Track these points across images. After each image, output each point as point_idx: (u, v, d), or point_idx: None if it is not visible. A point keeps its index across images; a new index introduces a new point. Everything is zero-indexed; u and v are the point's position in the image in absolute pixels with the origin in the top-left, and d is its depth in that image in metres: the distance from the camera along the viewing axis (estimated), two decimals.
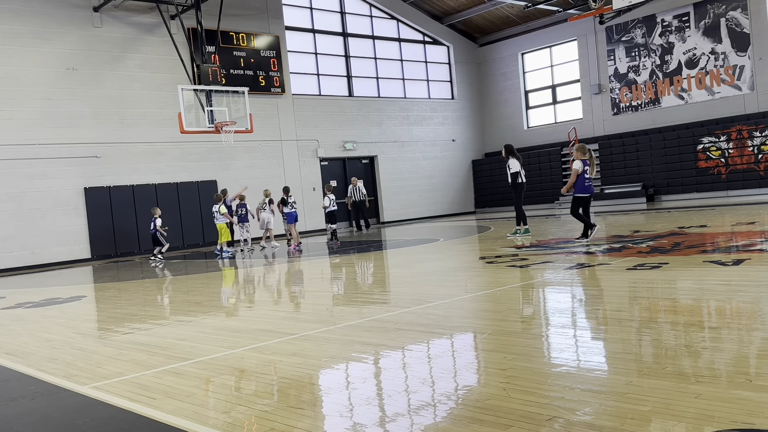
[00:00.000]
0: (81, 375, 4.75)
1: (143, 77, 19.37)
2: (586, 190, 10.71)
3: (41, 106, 17.61)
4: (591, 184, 10.78)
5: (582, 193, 10.73)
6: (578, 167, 10.61)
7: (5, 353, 5.88)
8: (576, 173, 10.64)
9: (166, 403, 3.80)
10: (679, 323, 4.66)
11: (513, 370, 3.81)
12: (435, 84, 27.53)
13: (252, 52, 21.49)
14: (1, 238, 16.90)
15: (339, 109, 24.06)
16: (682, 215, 14.93)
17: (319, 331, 5.59)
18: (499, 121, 28.20)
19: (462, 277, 8.52)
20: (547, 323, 5.24)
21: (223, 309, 7.93)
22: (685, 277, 6.69)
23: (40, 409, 3.98)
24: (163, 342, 5.73)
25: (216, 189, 20.17)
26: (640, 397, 3.14)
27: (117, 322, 7.17)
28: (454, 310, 6.05)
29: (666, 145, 22.46)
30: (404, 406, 3.41)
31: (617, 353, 4.07)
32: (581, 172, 10.59)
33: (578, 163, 10.67)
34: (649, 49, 23.34)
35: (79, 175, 18.15)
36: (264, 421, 3.33)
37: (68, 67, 18.12)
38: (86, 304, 9.41)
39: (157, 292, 10.09)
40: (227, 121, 16.94)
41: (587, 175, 10.66)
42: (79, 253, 18.13)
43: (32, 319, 7.97)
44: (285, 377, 4.20)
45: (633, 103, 23.95)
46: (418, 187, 26.24)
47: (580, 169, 10.59)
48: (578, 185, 10.70)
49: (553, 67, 26.62)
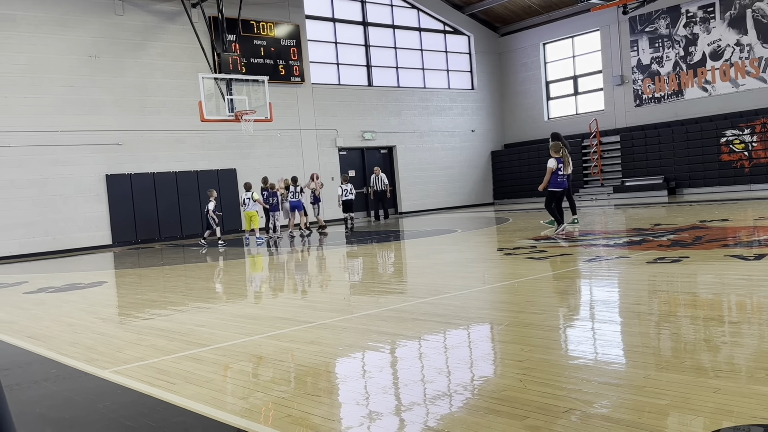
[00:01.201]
0: (102, 359, 4.82)
1: (164, 65, 19.48)
2: (559, 185, 11.36)
3: (64, 94, 17.79)
4: (564, 180, 11.38)
5: (555, 188, 11.38)
6: (552, 165, 11.27)
7: (28, 337, 5.98)
8: (550, 171, 11.26)
9: (185, 388, 3.85)
10: (699, 317, 4.62)
11: (530, 361, 3.80)
12: (455, 74, 27.38)
13: (272, 41, 21.52)
14: (23, 223, 17.14)
15: (358, 98, 24.04)
16: (703, 209, 14.76)
17: (336, 319, 5.61)
18: (519, 112, 28.01)
19: (480, 268, 8.50)
20: (564, 315, 5.22)
21: (241, 296, 7.99)
22: (706, 272, 6.62)
23: (61, 392, 4.05)
24: (182, 328, 5.79)
25: (236, 178, 20.31)
26: (658, 391, 3.12)
27: (137, 308, 7.26)
28: (471, 301, 6.04)
29: (689, 137, 22.18)
30: (420, 396, 3.43)
31: (635, 347, 4.05)
32: (555, 169, 11.23)
33: (552, 161, 11.30)
34: (673, 40, 23.01)
35: (100, 162, 18.34)
36: (281, 408, 3.36)
37: (90, 54, 18.27)
38: (107, 289, 9.54)
39: (176, 279, 10.19)
40: (247, 110, 17.01)
41: (561, 172, 11.27)
42: (100, 239, 18.34)
43: (54, 304, 8.09)
44: (302, 365, 4.23)
45: (656, 94, 23.67)
46: (436, 177, 26.18)
47: (554, 167, 11.23)
48: (552, 181, 11.33)
49: (575, 57, 26.36)
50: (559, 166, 11.18)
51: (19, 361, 5.06)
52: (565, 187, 11.42)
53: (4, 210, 16.82)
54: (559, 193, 11.40)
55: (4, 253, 16.62)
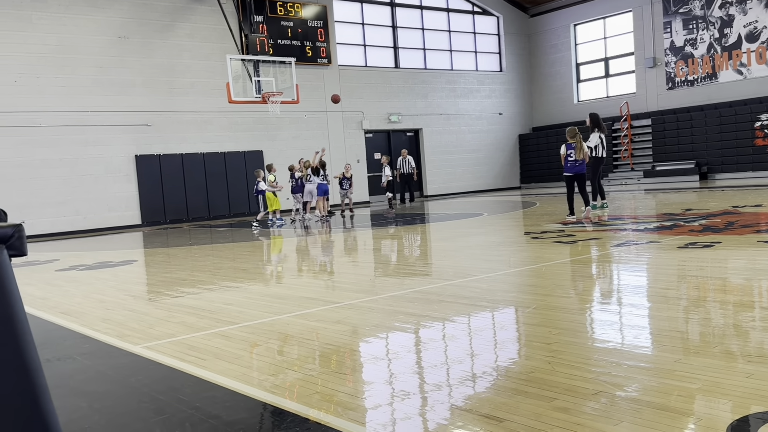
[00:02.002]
0: (133, 335, 4.91)
1: (192, 47, 19.58)
2: (569, 170, 11.74)
3: (94, 74, 17.99)
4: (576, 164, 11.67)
5: (567, 173, 11.80)
6: (562, 152, 11.78)
7: (61, 313, 6.10)
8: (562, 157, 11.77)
9: (215, 364, 3.90)
10: (729, 302, 4.55)
11: (558, 344, 3.79)
12: (483, 56, 27.11)
13: (299, 22, 21.48)
14: (55, 202, 17.45)
15: (385, 80, 23.94)
16: (736, 194, 14.49)
17: (363, 300, 5.64)
18: (548, 95, 27.67)
19: (506, 251, 8.47)
20: (593, 299, 5.18)
21: (268, 276, 8.07)
22: (738, 257, 6.51)
23: (94, 367, 4.14)
24: (212, 306, 5.87)
25: (262, 160, 20.40)
26: (688, 375, 3.09)
27: (167, 286, 7.37)
28: (498, 284, 6.03)
29: (722, 121, 21.73)
30: (447, 376, 3.43)
31: (665, 331, 4.00)
32: (566, 154, 11.67)
33: (563, 147, 11.78)
34: (708, 21, 22.49)
35: (130, 142, 18.55)
36: (309, 385, 3.39)
37: (120, 35, 18.42)
38: (137, 267, 9.69)
39: (204, 258, 10.31)
40: (274, 91, 17.04)
41: (571, 158, 11.62)
42: (129, 219, 18.61)
43: (86, 281, 8.24)
44: (329, 343, 4.26)
45: (689, 77, 23.20)
46: (462, 161, 26.04)
47: (564, 153, 11.70)
48: (565, 165, 11.78)
49: (606, 39, 25.91)
50: (569, 152, 11.59)
51: (53, 336, 5.17)
52: (580, 172, 11.67)
53: (35, 189, 17.13)
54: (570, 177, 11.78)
55: (36, 232, 16.94)
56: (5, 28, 16.77)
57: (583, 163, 11.69)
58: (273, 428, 2.94)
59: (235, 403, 3.21)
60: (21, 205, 16.43)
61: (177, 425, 2.96)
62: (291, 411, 3.04)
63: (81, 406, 3.36)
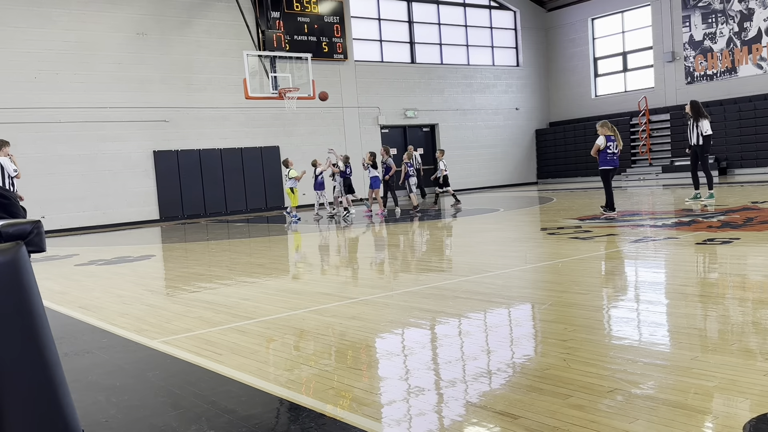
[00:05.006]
0: (151, 330, 4.96)
1: (209, 43, 19.67)
2: (608, 163, 11.06)
3: (112, 70, 18.14)
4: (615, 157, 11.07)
5: (606, 166, 11.10)
6: (601, 143, 10.91)
7: (79, 307, 6.17)
8: (597, 148, 10.97)
9: (231, 359, 3.93)
10: (748, 300, 4.51)
11: (573, 341, 3.77)
12: (500, 51, 26.97)
13: (316, 18, 21.50)
14: (74, 197, 17.63)
15: (401, 76, 23.91)
16: (755, 189, 14.31)
17: (378, 296, 5.65)
18: (566, 90, 27.49)
19: (522, 247, 8.43)
20: (609, 296, 5.15)
21: (284, 271, 8.10)
22: (757, 253, 6.44)
23: (113, 361, 4.19)
24: (228, 301, 5.91)
25: (279, 155, 20.46)
26: (705, 373, 3.07)
27: (184, 281, 7.43)
28: (513, 280, 6.01)
29: (741, 116, 21.47)
30: (462, 372, 3.43)
31: (682, 328, 3.97)
32: (604, 147, 10.90)
33: (601, 138, 10.95)
34: (727, 15, 22.20)
35: (148, 138, 18.70)
36: (324, 380, 3.41)
37: (138, 32, 18.56)
38: (155, 262, 9.77)
39: (221, 254, 10.37)
40: (290, 87, 17.07)
41: (610, 150, 10.93)
42: (147, 214, 18.77)
43: (104, 276, 8.33)
44: (344, 339, 4.28)
45: (708, 72, 22.93)
46: (479, 156, 25.96)
47: (603, 145, 10.89)
48: (602, 158, 11.05)
49: (624, 33, 25.68)
50: (608, 144, 10.88)
51: (72, 330, 5.23)
52: (616, 166, 11.18)
53: (54, 184, 17.32)
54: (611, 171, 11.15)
55: (55, 227, 17.14)
56: (25, 24, 16.96)
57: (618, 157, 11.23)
58: (289, 423, 2.96)
59: (250, 398, 3.23)
60: (41, 200, 16.63)
61: (193, 419, 2.98)
62: (306, 406, 3.06)
63: (98, 399, 3.40)
